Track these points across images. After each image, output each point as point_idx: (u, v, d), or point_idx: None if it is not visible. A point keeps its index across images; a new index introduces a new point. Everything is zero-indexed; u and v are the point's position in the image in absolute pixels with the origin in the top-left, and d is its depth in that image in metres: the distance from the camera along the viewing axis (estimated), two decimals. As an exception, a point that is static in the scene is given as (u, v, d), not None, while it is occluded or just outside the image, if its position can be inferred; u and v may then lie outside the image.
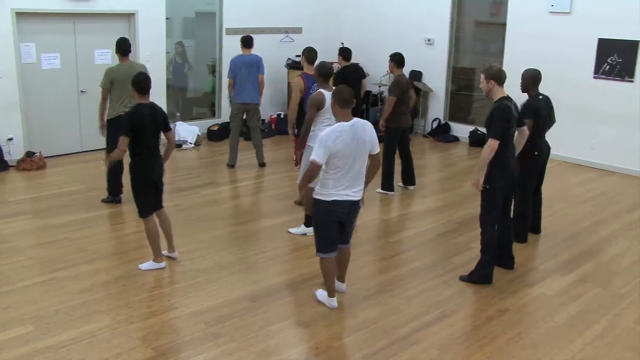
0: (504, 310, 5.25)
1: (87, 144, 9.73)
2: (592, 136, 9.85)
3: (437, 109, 11.92)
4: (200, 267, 5.89)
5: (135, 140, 5.53)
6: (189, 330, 4.78)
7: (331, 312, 5.11)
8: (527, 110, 6.33)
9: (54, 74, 9.27)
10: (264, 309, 5.13)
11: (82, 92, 9.53)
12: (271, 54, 11.25)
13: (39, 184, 8.31)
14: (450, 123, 11.82)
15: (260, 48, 9.26)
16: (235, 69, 8.99)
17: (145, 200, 5.71)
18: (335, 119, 4.95)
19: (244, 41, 9.11)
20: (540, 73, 6.53)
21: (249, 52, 9.07)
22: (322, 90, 6.29)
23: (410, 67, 11.33)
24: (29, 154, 8.91)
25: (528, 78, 6.49)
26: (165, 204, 6.07)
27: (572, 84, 9.83)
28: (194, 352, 4.48)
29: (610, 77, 9.56)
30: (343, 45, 10.53)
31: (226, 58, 11.01)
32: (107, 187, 7.52)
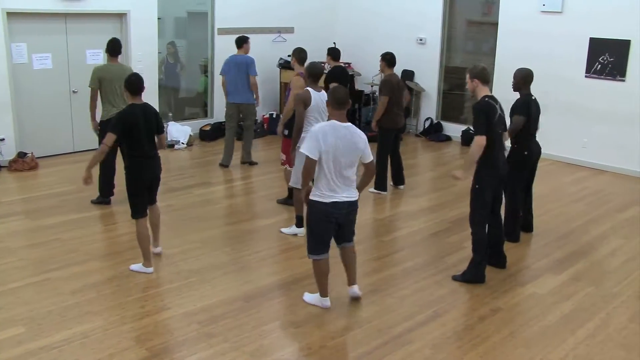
0: (497, 310, 5.26)
1: (79, 145, 9.70)
2: (584, 135, 9.90)
3: (429, 108, 11.94)
4: (193, 267, 5.88)
5: (129, 142, 5.52)
6: (182, 330, 4.77)
7: (324, 312, 5.11)
8: (519, 106, 6.37)
9: (45, 74, 9.23)
10: (257, 309, 5.13)
11: (74, 92, 9.49)
12: (263, 54, 11.26)
13: (31, 185, 8.27)
14: (442, 122, 11.84)
15: (252, 48, 9.26)
16: (225, 67, 9.10)
17: (139, 202, 5.67)
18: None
19: (235, 41, 9.19)
20: (533, 73, 6.55)
21: (240, 52, 9.10)
22: (309, 88, 6.34)
23: (402, 66, 11.35)
24: (21, 155, 8.87)
25: (520, 77, 6.51)
26: (158, 204, 6.05)
27: (563, 84, 9.88)
28: (187, 353, 4.48)
29: (602, 77, 9.60)
30: (335, 45, 10.53)
31: (218, 58, 11.03)
32: (98, 188, 7.49)
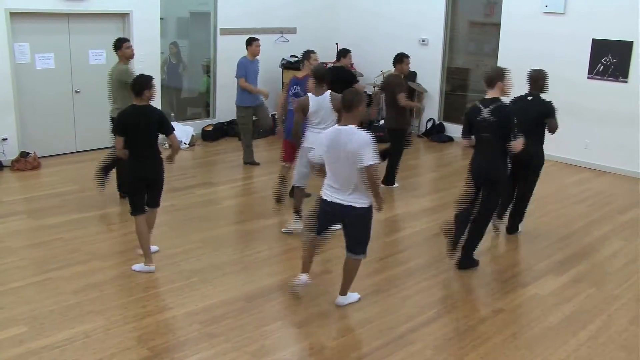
0: (498, 311, 5.26)
1: (81, 144, 9.71)
2: (586, 136, 9.89)
3: (432, 109, 11.92)
4: (195, 267, 5.89)
5: (126, 141, 5.62)
6: (183, 330, 4.77)
7: (326, 312, 5.11)
8: (552, 108, 6.53)
9: (48, 74, 9.23)
10: (258, 309, 5.13)
11: (76, 92, 9.50)
12: (266, 54, 11.22)
13: (33, 184, 8.28)
14: (444, 123, 11.83)
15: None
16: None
17: (136, 200, 5.73)
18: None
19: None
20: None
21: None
22: (310, 94, 6.48)
23: (405, 66, 11.34)
24: (23, 154, 8.88)
25: (543, 78, 6.65)
26: (161, 204, 6.05)
27: (566, 85, 9.84)
28: (189, 352, 4.48)
29: (604, 78, 9.59)
30: (337, 45, 10.54)
31: (220, 58, 11.05)
32: (117, 185, 7.64)
